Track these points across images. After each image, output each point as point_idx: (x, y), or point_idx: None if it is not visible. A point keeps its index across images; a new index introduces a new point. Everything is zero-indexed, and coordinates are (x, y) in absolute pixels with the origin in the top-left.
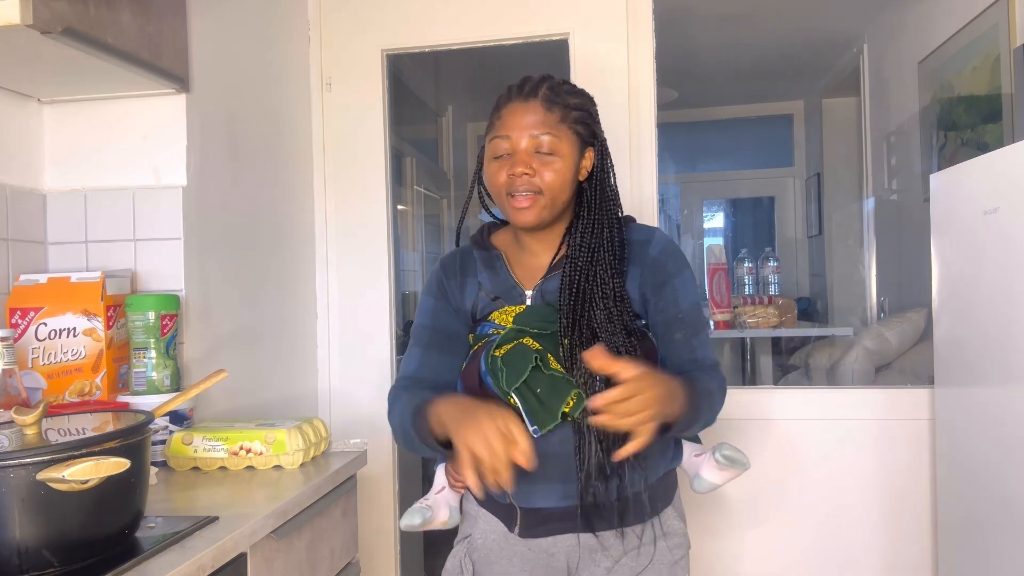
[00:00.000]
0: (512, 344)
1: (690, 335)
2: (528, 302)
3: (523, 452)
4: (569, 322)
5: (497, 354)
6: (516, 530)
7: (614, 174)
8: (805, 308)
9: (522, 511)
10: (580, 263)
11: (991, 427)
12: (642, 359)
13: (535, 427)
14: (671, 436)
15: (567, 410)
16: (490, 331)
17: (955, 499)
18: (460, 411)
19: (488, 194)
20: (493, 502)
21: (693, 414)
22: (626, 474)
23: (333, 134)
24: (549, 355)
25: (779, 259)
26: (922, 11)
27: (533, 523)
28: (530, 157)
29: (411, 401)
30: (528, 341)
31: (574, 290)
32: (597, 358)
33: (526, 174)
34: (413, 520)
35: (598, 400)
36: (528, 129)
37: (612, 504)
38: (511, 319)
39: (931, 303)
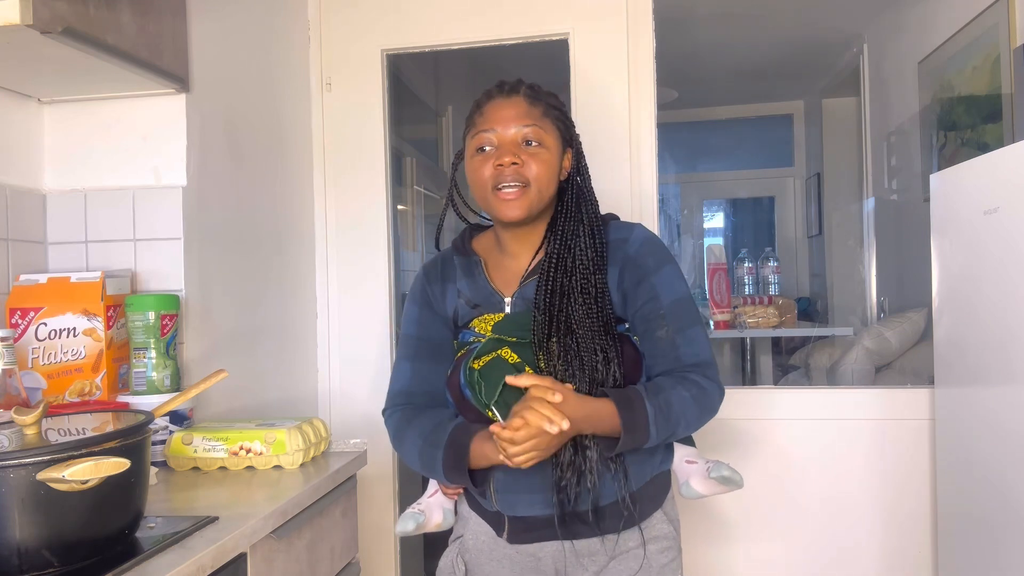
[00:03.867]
0: (491, 356)
1: (673, 332)
2: (507, 309)
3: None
4: (546, 319)
5: (475, 366)
6: (504, 536)
7: (589, 177)
8: (805, 308)
9: (509, 519)
10: (558, 260)
11: (991, 427)
12: (625, 363)
13: None
14: (620, 451)
15: None
16: (471, 339)
17: (955, 499)
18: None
19: (466, 204)
20: (482, 508)
21: (640, 430)
22: (605, 479)
23: (333, 134)
24: (527, 367)
25: (779, 259)
26: (922, 11)
27: (520, 530)
28: (517, 148)
29: (433, 430)
30: (506, 352)
31: (551, 287)
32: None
33: (514, 164)
34: (406, 526)
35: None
36: (513, 121)
37: (588, 512)
38: (490, 328)
39: (931, 303)
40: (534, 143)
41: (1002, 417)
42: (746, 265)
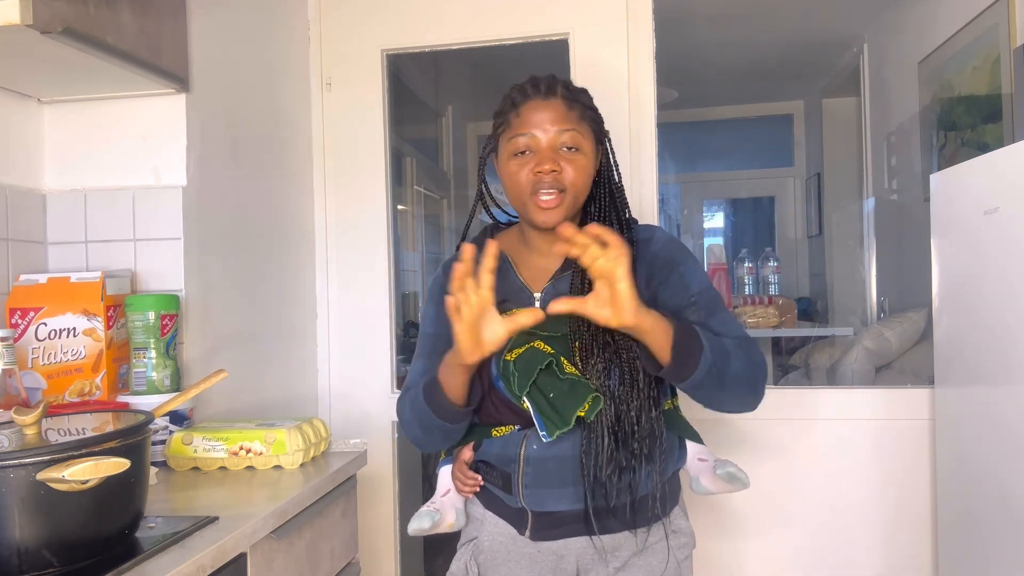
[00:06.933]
0: (524, 348)
1: (706, 316)
2: (536, 304)
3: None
4: (583, 319)
5: (509, 358)
6: (527, 533)
7: (620, 174)
8: (805, 308)
9: (534, 515)
10: None
11: (991, 427)
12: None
13: (545, 432)
14: (666, 372)
15: (582, 414)
16: None
17: (955, 499)
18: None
19: (490, 195)
20: (502, 505)
21: (689, 353)
22: (641, 468)
23: (333, 134)
24: (563, 359)
25: (779, 259)
26: (922, 11)
27: (545, 526)
28: (555, 154)
29: (417, 392)
30: (539, 344)
31: (587, 287)
32: (567, 229)
33: (554, 171)
34: (422, 524)
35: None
36: (553, 125)
37: (624, 506)
38: None
39: (931, 303)
40: (572, 148)
41: (1002, 417)
42: (746, 265)
